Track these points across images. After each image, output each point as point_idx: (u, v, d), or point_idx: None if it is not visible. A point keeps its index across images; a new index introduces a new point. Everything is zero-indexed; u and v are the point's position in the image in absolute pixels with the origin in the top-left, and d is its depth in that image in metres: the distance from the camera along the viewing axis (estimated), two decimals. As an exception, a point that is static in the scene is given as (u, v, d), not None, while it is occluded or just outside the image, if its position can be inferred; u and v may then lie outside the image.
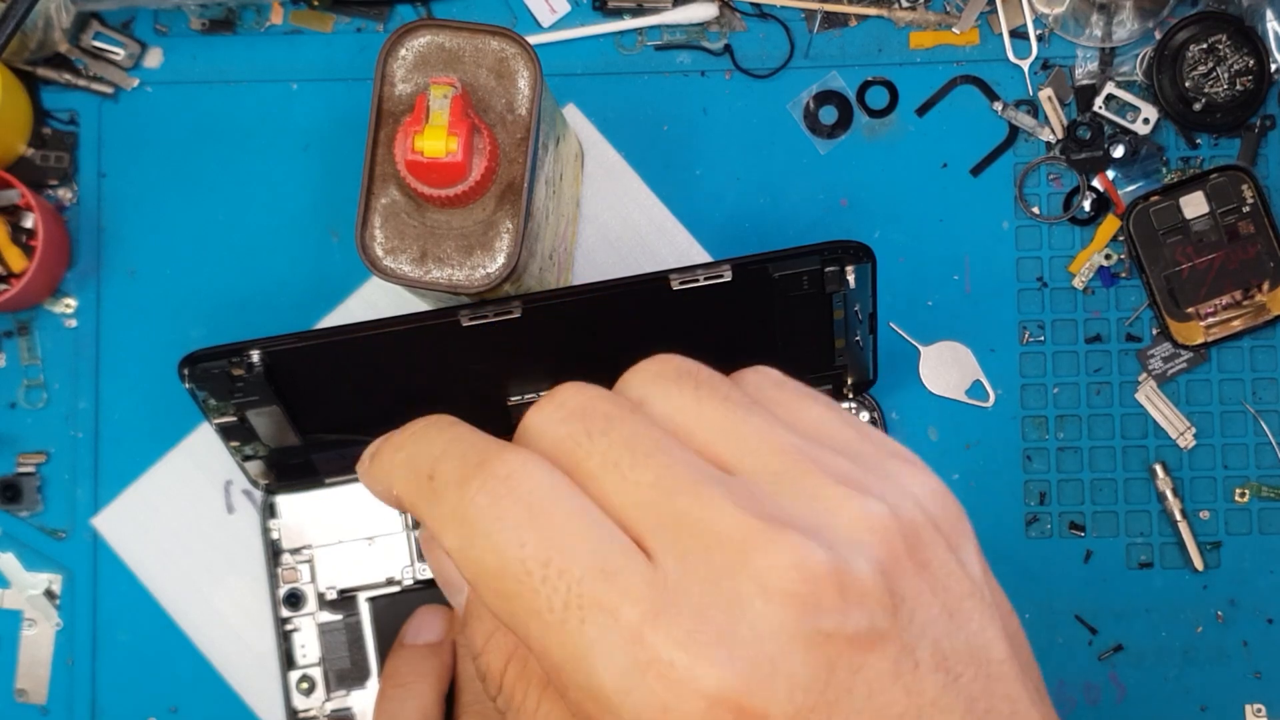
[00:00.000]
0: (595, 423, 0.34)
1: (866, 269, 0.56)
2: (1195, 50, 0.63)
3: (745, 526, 0.31)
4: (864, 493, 0.33)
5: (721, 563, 0.31)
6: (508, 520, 0.32)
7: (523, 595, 0.32)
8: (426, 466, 0.34)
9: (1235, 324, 0.64)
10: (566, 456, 0.33)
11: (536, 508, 0.32)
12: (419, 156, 0.50)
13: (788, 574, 0.31)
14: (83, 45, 0.65)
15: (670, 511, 0.32)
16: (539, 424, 0.34)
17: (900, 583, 0.32)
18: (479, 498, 0.32)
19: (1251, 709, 0.63)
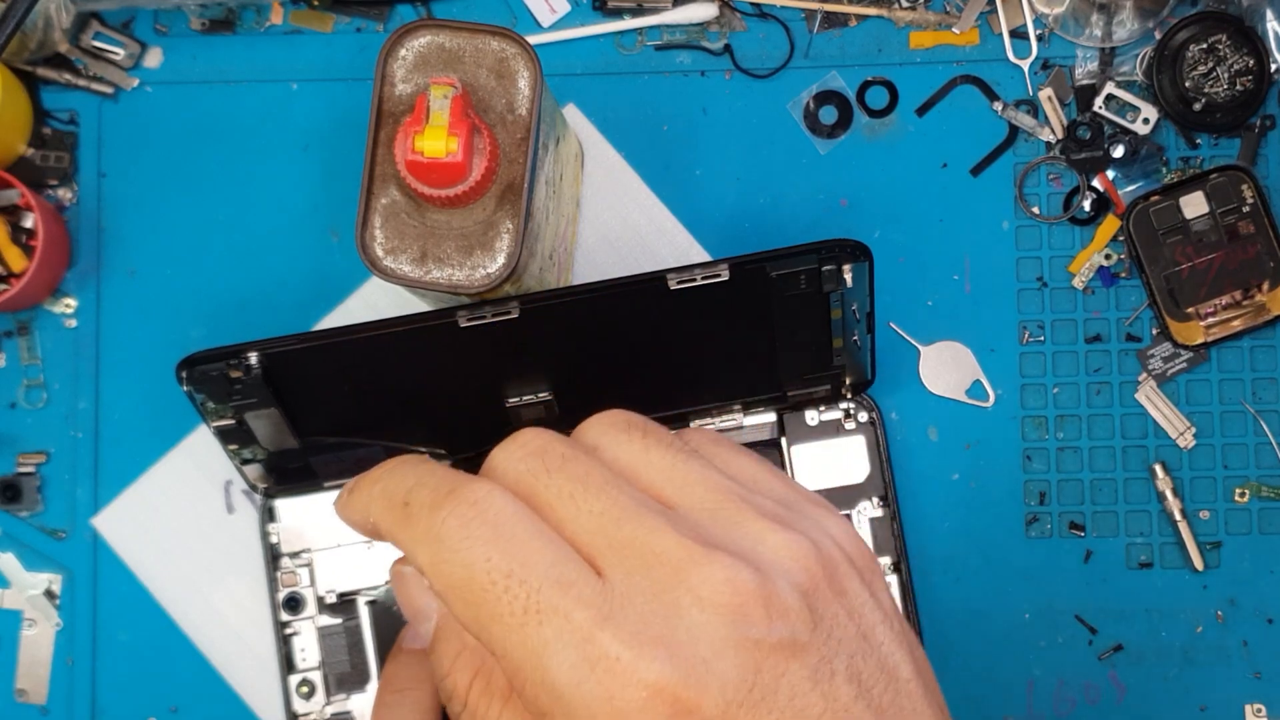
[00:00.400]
0: (553, 460, 0.39)
1: (864, 268, 0.56)
2: (1195, 50, 0.63)
3: (683, 548, 0.36)
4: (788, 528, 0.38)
5: (662, 578, 0.36)
6: (475, 538, 0.37)
7: (487, 602, 0.36)
8: (401, 495, 0.39)
9: (1235, 324, 0.64)
10: (527, 488, 0.38)
11: (500, 528, 0.37)
12: (419, 157, 0.50)
13: (720, 588, 0.36)
14: (83, 45, 0.65)
15: (618, 536, 0.37)
16: (503, 461, 0.39)
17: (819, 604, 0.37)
18: (450, 519, 0.37)
19: (1251, 709, 0.63)
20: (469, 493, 0.38)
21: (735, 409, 0.63)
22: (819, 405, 0.63)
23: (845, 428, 0.63)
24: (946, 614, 0.63)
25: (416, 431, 0.61)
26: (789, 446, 0.63)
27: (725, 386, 0.62)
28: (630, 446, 0.40)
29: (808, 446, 0.63)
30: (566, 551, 0.37)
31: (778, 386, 0.62)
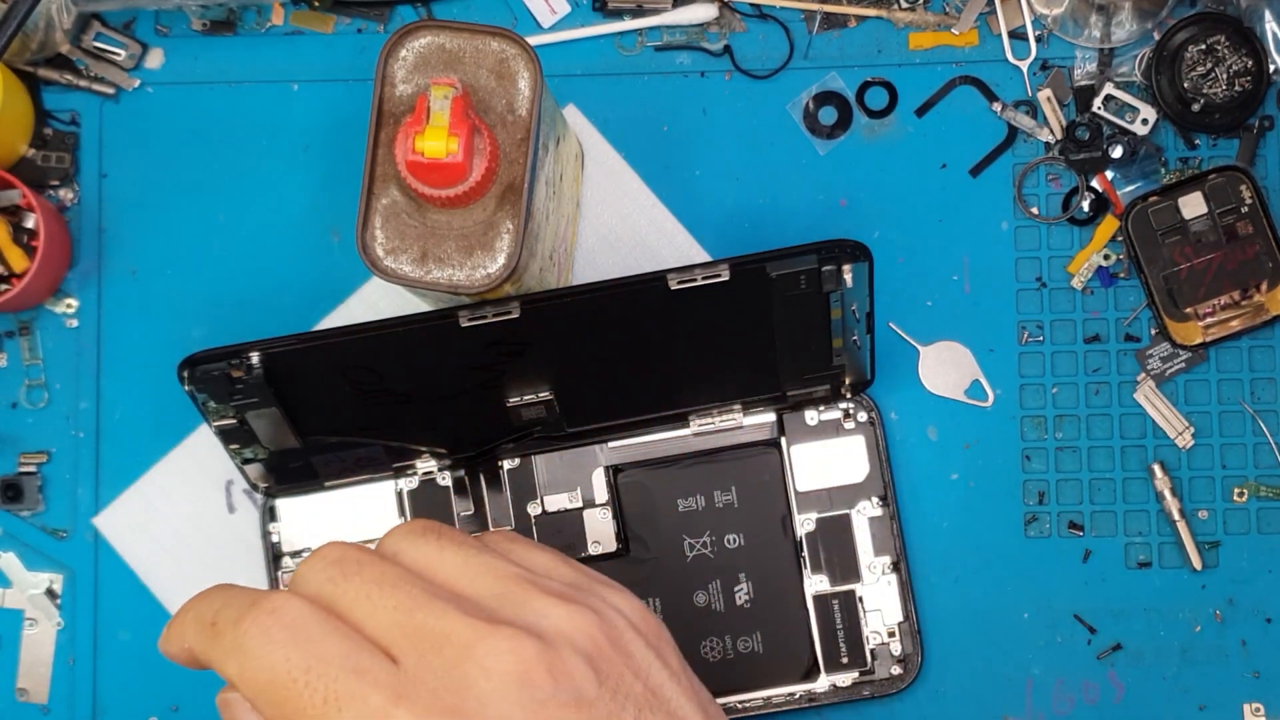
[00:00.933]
0: (350, 568, 0.41)
1: (863, 268, 0.56)
2: (1194, 51, 0.64)
3: (470, 628, 0.39)
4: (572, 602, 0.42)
5: (451, 656, 0.39)
6: (275, 641, 0.39)
7: (290, 699, 0.39)
8: (209, 616, 0.41)
9: (1234, 324, 0.64)
10: (328, 596, 0.41)
11: (297, 630, 0.40)
12: (419, 157, 0.50)
13: (505, 658, 0.39)
14: (84, 46, 0.65)
15: (410, 624, 0.40)
16: (305, 573, 0.42)
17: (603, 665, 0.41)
18: (251, 629, 0.40)
19: (1250, 708, 0.63)
20: (268, 603, 0.40)
21: (735, 409, 0.63)
22: (819, 405, 0.63)
23: (845, 428, 0.63)
24: (946, 613, 0.64)
25: (417, 431, 0.61)
26: (789, 446, 0.63)
27: (725, 386, 0.62)
28: (426, 548, 0.43)
29: (807, 446, 0.63)
30: (361, 644, 0.40)
31: (778, 386, 0.62)
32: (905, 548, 0.63)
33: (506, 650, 0.39)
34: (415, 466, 0.63)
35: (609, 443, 0.63)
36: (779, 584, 0.63)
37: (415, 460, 0.62)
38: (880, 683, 0.63)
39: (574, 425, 0.62)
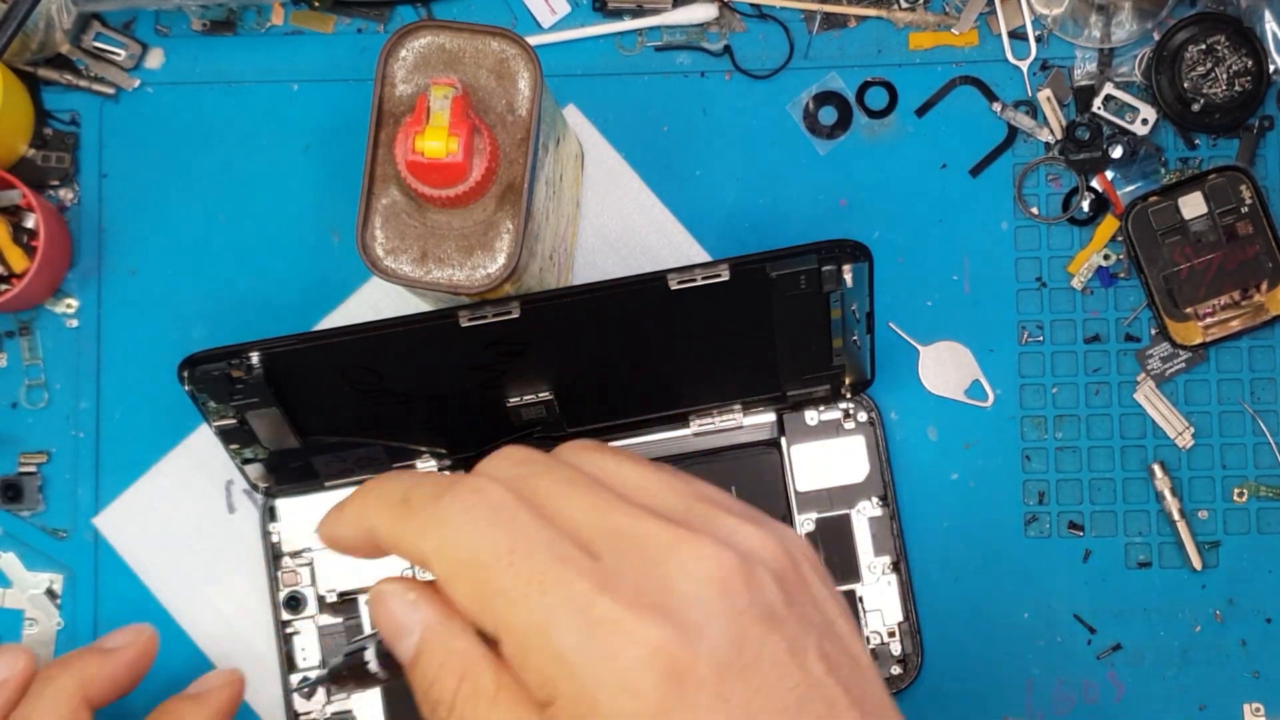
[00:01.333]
0: (538, 466, 0.42)
1: (863, 268, 0.56)
2: (1194, 51, 0.64)
3: (669, 532, 0.40)
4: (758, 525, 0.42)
5: (652, 556, 0.39)
6: (478, 520, 0.39)
7: (491, 579, 0.38)
8: (399, 494, 0.41)
9: (1234, 324, 0.64)
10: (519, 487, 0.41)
11: (501, 511, 0.40)
12: (419, 157, 0.50)
13: (708, 563, 0.39)
14: (84, 46, 0.65)
15: (607, 525, 0.40)
16: (492, 467, 0.42)
17: (790, 589, 0.41)
18: (453, 506, 0.40)
19: (1250, 708, 0.63)
20: (469, 483, 0.40)
21: (735, 409, 0.63)
22: (819, 405, 0.63)
23: (845, 428, 0.63)
24: (946, 613, 0.64)
25: (417, 431, 0.61)
26: (788, 446, 0.63)
27: (725, 386, 0.62)
28: (603, 460, 0.43)
29: (807, 446, 0.63)
30: (561, 533, 0.39)
31: (777, 386, 0.62)
32: (905, 548, 0.63)
33: (709, 556, 0.39)
34: (415, 466, 0.63)
35: (609, 443, 0.63)
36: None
37: (415, 460, 0.62)
38: (880, 683, 0.63)
39: (574, 425, 0.62)
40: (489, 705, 0.40)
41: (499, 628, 0.39)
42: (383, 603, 0.42)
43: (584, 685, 0.38)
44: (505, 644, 0.39)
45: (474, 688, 0.40)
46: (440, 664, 0.41)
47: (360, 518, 0.43)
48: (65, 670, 0.55)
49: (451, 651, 0.41)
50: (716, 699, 0.38)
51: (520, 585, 0.38)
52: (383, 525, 0.42)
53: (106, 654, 0.56)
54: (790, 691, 0.39)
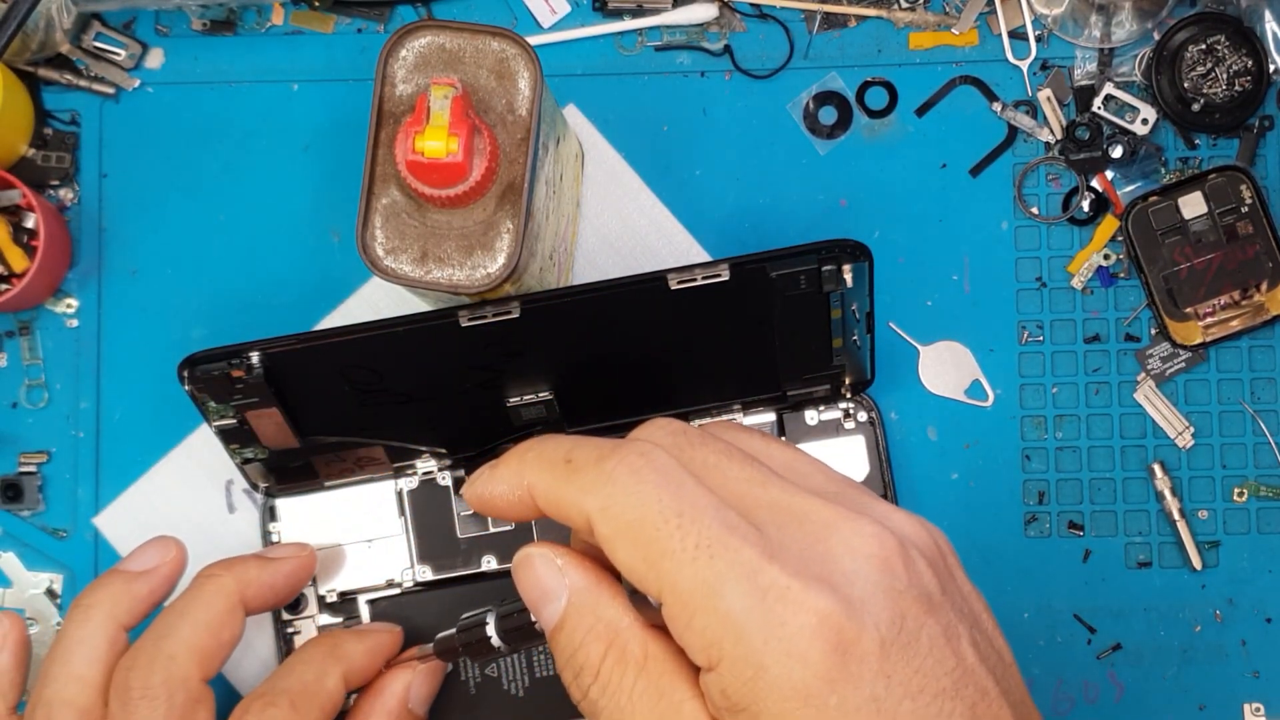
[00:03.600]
0: (694, 438, 0.42)
1: (863, 268, 0.56)
2: (1194, 51, 0.64)
3: (829, 510, 0.40)
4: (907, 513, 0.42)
5: (813, 531, 0.40)
6: (647, 483, 0.40)
7: (659, 540, 0.39)
8: (562, 455, 0.42)
9: (1234, 324, 0.64)
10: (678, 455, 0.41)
11: (668, 476, 0.40)
12: (419, 157, 0.50)
13: (869, 542, 0.40)
14: (84, 46, 0.65)
15: (766, 498, 0.41)
16: (650, 434, 0.42)
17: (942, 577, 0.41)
18: (620, 467, 0.40)
19: (1250, 708, 0.63)
20: (634, 446, 0.41)
21: (735, 409, 0.63)
22: (819, 405, 0.63)
23: (845, 427, 0.63)
24: (946, 613, 0.63)
25: (417, 431, 0.61)
26: (789, 446, 0.63)
27: (725, 386, 0.62)
28: (752, 440, 0.44)
29: (807, 446, 0.63)
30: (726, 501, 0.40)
31: (777, 386, 0.62)
32: (905, 548, 0.63)
33: (871, 534, 0.40)
34: (415, 466, 0.63)
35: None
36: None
37: (415, 460, 0.62)
38: (880, 683, 0.63)
39: (574, 425, 0.62)
40: (636, 673, 0.41)
41: (664, 589, 0.39)
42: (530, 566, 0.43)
43: (752, 648, 0.38)
44: (669, 607, 0.39)
45: (621, 655, 0.41)
46: (588, 629, 0.41)
47: (519, 475, 0.43)
48: (228, 570, 0.56)
49: (599, 618, 0.41)
50: (879, 675, 0.38)
51: (689, 548, 0.39)
52: (544, 484, 0.42)
53: (268, 562, 0.57)
54: (947, 675, 0.39)
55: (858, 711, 0.38)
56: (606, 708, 0.41)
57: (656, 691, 0.40)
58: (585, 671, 0.41)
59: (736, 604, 0.38)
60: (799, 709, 0.38)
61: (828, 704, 0.38)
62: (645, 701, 0.40)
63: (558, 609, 0.42)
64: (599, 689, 0.41)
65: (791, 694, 0.38)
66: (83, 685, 0.53)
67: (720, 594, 0.38)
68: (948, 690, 0.39)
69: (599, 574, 0.42)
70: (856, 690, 0.38)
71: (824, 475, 0.44)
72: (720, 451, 0.42)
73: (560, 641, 0.42)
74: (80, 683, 0.53)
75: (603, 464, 0.41)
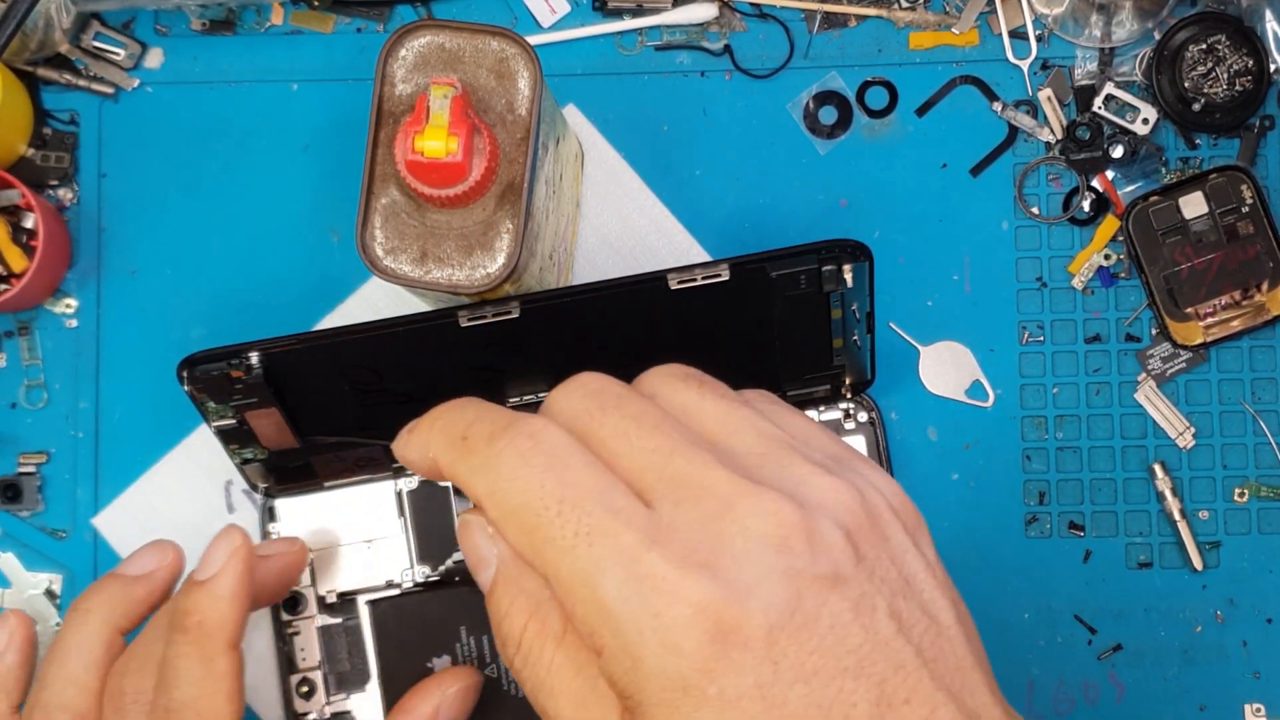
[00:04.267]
0: (609, 400, 0.41)
1: (864, 268, 0.56)
2: (1194, 50, 0.64)
3: (731, 483, 0.39)
4: (834, 475, 0.40)
5: (709, 509, 0.38)
6: (531, 466, 0.39)
7: (540, 526, 0.39)
8: (460, 429, 0.42)
9: (1234, 324, 0.64)
10: (583, 426, 0.40)
11: (555, 458, 0.39)
12: (419, 157, 0.50)
13: (766, 520, 0.38)
14: (83, 45, 0.65)
15: (668, 470, 0.39)
16: (560, 399, 0.42)
17: (862, 545, 0.39)
18: (507, 450, 0.40)
19: (1251, 708, 0.63)
20: (526, 425, 0.40)
21: (735, 409, 0.63)
22: (819, 405, 0.63)
23: (845, 428, 0.63)
24: (946, 613, 0.63)
25: (417, 431, 0.61)
26: (789, 446, 0.63)
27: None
28: (687, 393, 0.42)
29: (807, 446, 0.63)
30: (616, 481, 0.39)
31: (778, 386, 0.62)
32: (905, 548, 0.63)
33: (769, 512, 0.38)
34: (415, 466, 0.63)
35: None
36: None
37: (415, 460, 0.62)
38: (880, 683, 0.63)
39: (574, 425, 0.62)
40: (555, 645, 0.40)
41: (547, 573, 0.39)
42: (466, 532, 0.42)
43: (629, 640, 0.38)
44: (555, 592, 0.39)
45: (541, 627, 0.40)
46: (511, 600, 0.41)
47: (424, 446, 0.43)
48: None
49: (522, 590, 0.41)
50: (765, 661, 0.37)
51: (568, 535, 0.38)
52: (444, 459, 0.42)
53: (261, 557, 0.57)
54: (851, 653, 0.38)
55: (741, 700, 0.37)
56: (529, 679, 0.41)
57: (574, 665, 0.40)
58: (510, 640, 0.41)
59: (613, 593, 0.38)
60: (679, 699, 0.37)
61: (707, 694, 0.37)
62: (564, 674, 0.40)
63: (488, 576, 0.42)
64: (521, 659, 0.41)
65: (670, 685, 0.37)
66: (79, 689, 0.53)
67: (598, 583, 0.38)
68: (850, 669, 0.38)
69: None
70: (738, 678, 0.37)
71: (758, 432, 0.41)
72: (632, 416, 0.40)
73: (490, 607, 0.42)
74: (76, 686, 0.53)
75: (493, 444, 0.40)
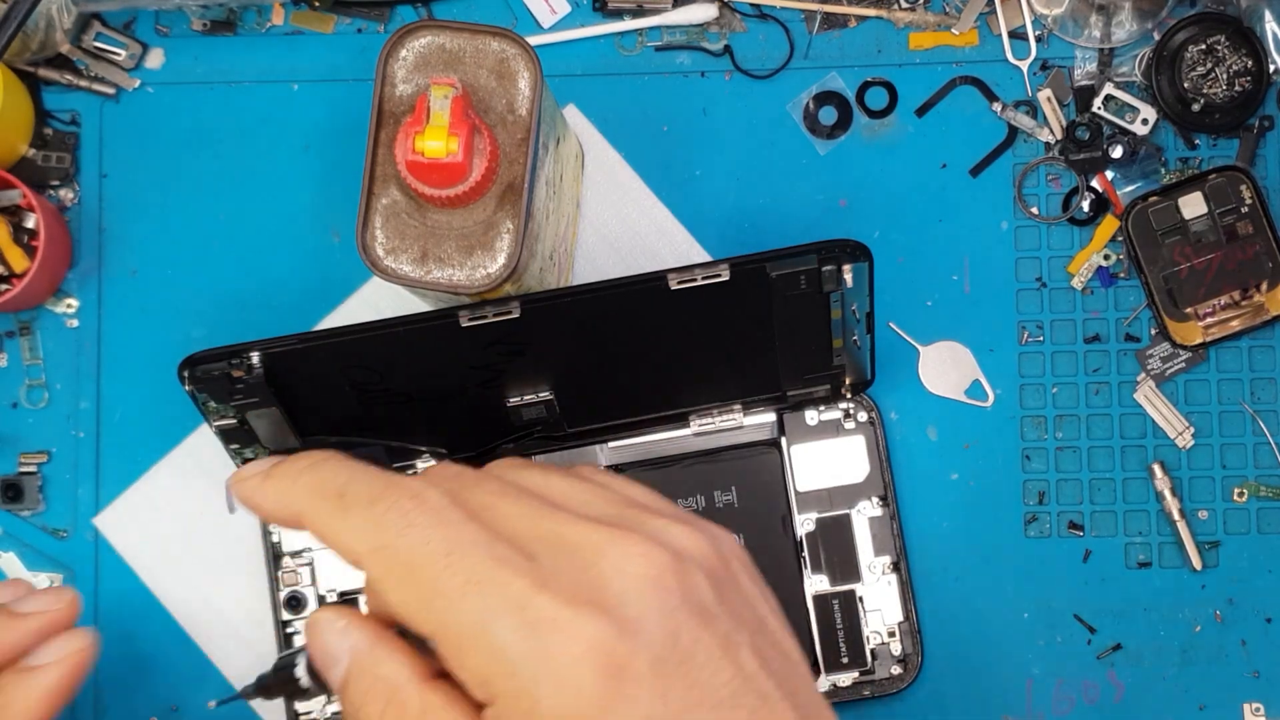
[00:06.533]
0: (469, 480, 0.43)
1: (864, 268, 0.56)
2: (1194, 51, 0.64)
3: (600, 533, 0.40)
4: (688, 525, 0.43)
5: (585, 557, 0.40)
6: (415, 525, 0.40)
7: (428, 579, 0.39)
8: (335, 488, 0.42)
9: (1234, 324, 0.64)
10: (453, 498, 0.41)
11: (439, 515, 0.40)
12: (420, 157, 0.50)
13: (639, 560, 0.40)
14: (84, 46, 0.65)
15: (539, 529, 0.41)
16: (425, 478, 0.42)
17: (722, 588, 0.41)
18: (391, 510, 0.40)
19: (1250, 708, 0.63)
20: (408, 486, 0.41)
21: (735, 409, 0.63)
22: (819, 405, 0.63)
23: (845, 427, 0.64)
24: (946, 613, 0.64)
25: (417, 431, 0.61)
26: (789, 446, 0.63)
27: (725, 386, 0.62)
28: (530, 474, 0.44)
29: (807, 446, 0.63)
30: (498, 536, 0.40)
31: (778, 386, 0.62)
32: (905, 548, 0.63)
33: (640, 554, 0.40)
34: (415, 466, 0.63)
35: (609, 442, 0.63)
36: (779, 584, 0.62)
37: (415, 460, 0.62)
38: (880, 683, 0.63)
39: (574, 425, 0.62)
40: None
41: (435, 629, 0.39)
42: (316, 632, 0.43)
43: (524, 683, 0.38)
44: (442, 645, 0.39)
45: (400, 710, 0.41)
46: (366, 689, 0.41)
47: (288, 499, 0.43)
48: None
49: (377, 677, 0.41)
50: (655, 695, 0.38)
51: (457, 585, 0.39)
52: (312, 514, 0.42)
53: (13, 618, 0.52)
54: (724, 686, 0.39)
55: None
56: None
57: None
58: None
59: (507, 638, 0.38)
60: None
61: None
62: None
63: (340, 671, 0.42)
64: None
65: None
66: None
67: (490, 629, 0.38)
68: (725, 701, 0.39)
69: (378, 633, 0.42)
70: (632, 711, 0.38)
71: (605, 499, 0.44)
72: (494, 492, 0.42)
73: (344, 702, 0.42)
74: None
75: (373, 506, 0.41)
